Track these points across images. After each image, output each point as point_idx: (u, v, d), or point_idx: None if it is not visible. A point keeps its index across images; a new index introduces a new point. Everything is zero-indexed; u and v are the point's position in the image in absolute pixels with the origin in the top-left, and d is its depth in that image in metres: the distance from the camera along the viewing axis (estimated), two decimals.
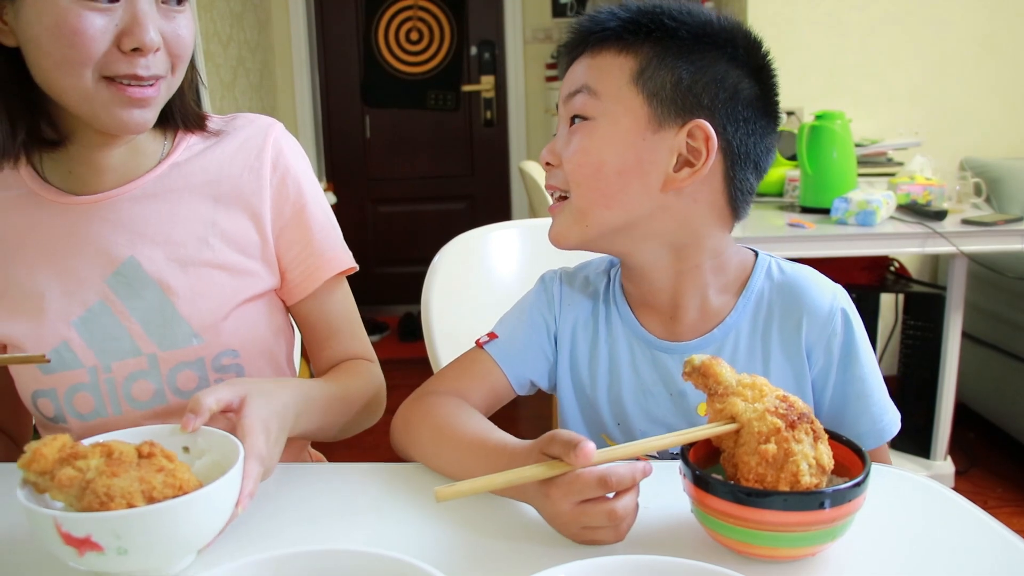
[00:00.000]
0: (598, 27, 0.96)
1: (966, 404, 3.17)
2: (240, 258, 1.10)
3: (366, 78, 5.01)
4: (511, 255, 1.56)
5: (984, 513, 0.83)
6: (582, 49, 0.98)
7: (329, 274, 1.16)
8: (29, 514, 0.70)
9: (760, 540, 0.73)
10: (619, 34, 0.95)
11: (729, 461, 0.78)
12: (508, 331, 1.09)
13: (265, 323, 1.14)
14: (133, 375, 1.05)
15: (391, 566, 0.63)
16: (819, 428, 0.77)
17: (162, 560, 0.73)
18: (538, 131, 4.90)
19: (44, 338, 1.04)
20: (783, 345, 0.98)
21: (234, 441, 0.81)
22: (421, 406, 1.02)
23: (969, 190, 2.80)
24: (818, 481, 0.74)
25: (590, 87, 0.95)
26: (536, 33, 4.83)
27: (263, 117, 1.18)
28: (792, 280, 1.00)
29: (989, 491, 2.80)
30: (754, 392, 0.79)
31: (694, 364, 0.82)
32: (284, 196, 1.13)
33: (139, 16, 0.92)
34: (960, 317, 2.64)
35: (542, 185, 3.07)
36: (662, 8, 0.95)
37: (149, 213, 1.07)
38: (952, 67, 3.33)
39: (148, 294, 1.06)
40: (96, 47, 0.92)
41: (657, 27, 0.93)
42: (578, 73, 0.97)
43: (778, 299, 0.99)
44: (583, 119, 0.96)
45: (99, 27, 0.91)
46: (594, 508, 0.75)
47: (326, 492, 0.92)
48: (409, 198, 5.13)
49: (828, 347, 0.97)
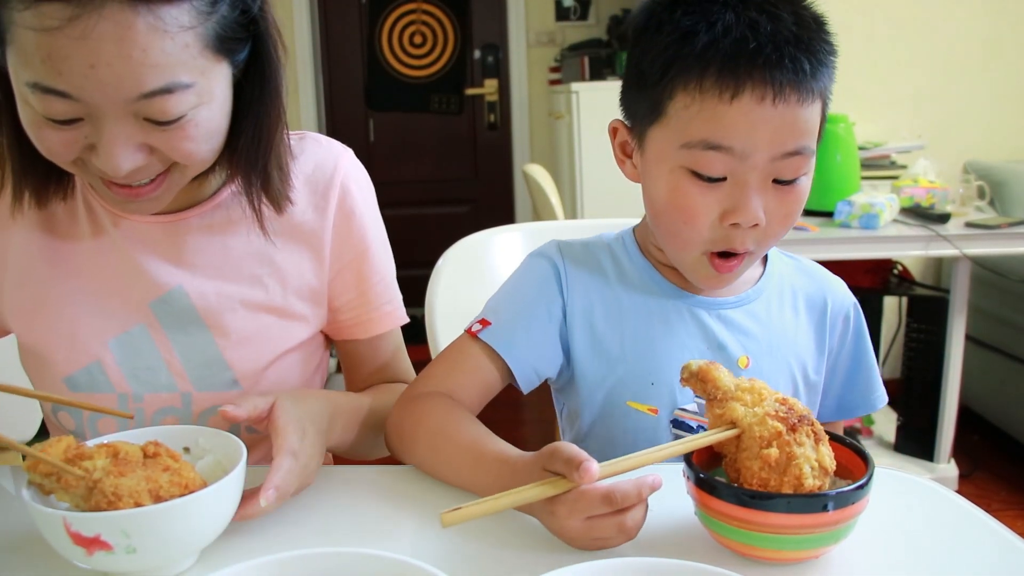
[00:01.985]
0: (806, 75, 0.87)
1: (970, 407, 3.17)
2: (292, 300, 1.05)
3: (369, 82, 5.02)
4: (514, 258, 1.56)
5: (988, 516, 0.83)
6: (786, 95, 0.87)
7: (381, 330, 1.14)
8: (36, 515, 0.70)
9: (764, 543, 0.73)
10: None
11: (732, 466, 0.78)
12: (506, 317, 1.03)
13: (303, 369, 1.10)
14: (164, 410, 1.01)
15: (395, 568, 0.63)
16: (819, 429, 0.78)
17: (169, 559, 0.74)
18: (541, 134, 4.90)
19: (76, 354, 0.99)
20: (809, 315, 1.08)
21: (236, 441, 0.81)
22: (413, 411, 0.98)
23: (972, 193, 2.80)
24: (821, 483, 0.74)
25: (810, 147, 0.91)
26: (539, 36, 4.83)
27: (333, 144, 1.11)
28: (809, 266, 1.13)
29: (993, 494, 2.80)
30: (753, 396, 0.79)
31: (692, 369, 0.82)
32: (346, 239, 1.08)
33: (105, 141, 0.79)
34: (964, 320, 2.63)
35: (545, 189, 3.07)
36: (819, 20, 0.91)
37: (204, 243, 1.01)
38: (956, 70, 3.33)
39: (193, 330, 1.00)
40: (61, 157, 0.83)
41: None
42: (792, 131, 0.88)
43: (801, 279, 1.10)
44: (793, 180, 0.92)
45: (61, 143, 0.81)
46: (602, 522, 0.74)
47: (330, 494, 0.92)
48: (412, 201, 5.13)
49: (845, 326, 1.10)
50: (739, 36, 0.86)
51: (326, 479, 0.95)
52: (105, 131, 0.79)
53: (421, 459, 0.95)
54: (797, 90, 0.86)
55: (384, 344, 1.17)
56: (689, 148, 0.89)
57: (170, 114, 0.80)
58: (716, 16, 0.87)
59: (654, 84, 0.92)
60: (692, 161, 0.90)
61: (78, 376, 0.99)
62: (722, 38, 0.87)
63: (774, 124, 0.87)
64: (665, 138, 0.92)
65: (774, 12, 0.87)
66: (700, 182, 0.90)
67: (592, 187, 3.52)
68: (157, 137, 0.82)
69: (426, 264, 1.59)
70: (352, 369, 1.18)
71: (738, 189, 0.90)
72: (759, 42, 0.86)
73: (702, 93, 0.88)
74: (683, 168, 0.91)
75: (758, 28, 0.86)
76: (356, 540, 0.83)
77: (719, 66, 0.86)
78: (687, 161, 0.90)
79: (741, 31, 0.86)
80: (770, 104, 0.86)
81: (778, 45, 0.86)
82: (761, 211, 0.91)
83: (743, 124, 0.87)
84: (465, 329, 1.04)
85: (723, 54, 0.86)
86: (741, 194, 0.89)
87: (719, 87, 0.86)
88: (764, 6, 0.88)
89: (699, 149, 0.89)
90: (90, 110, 0.78)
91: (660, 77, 0.91)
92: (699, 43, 0.87)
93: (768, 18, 0.87)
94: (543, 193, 3.08)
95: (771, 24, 0.86)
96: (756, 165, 0.88)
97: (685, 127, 0.90)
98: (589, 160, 3.51)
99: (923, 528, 0.82)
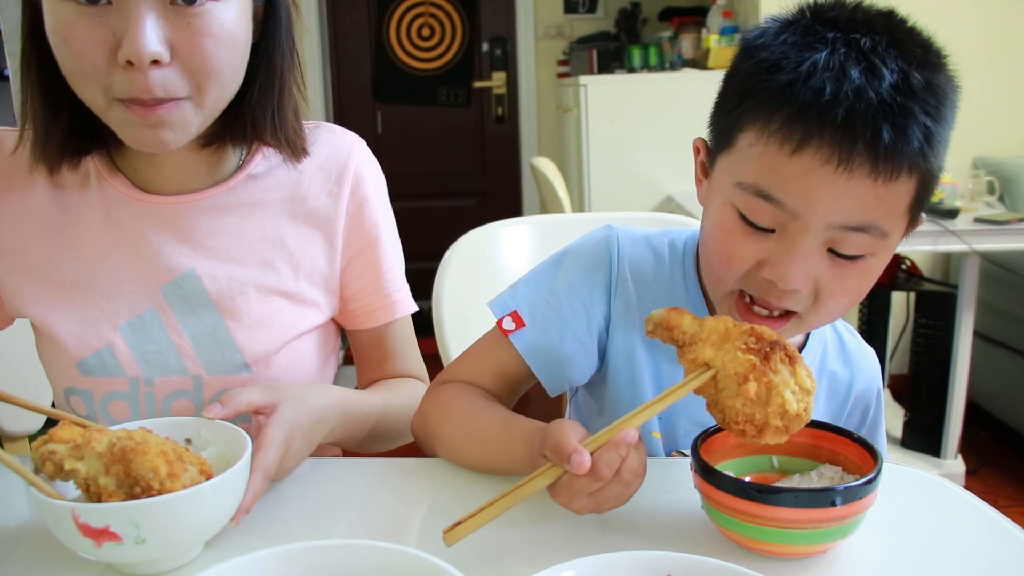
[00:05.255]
0: (897, 150, 0.75)
1: (977, 403, 3.16)
2: (304, 285, 1.06)
3: (377, 74, 5.01)
4: (522, 251, 1.56)
5: (995, 511, 0.83)
6: (855, 164, 0.75)
7: (390, 318, 1.15)
8: (43, 506, 0.70)
9: (770, 537, 0.73)
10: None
11: (715, 408, 0.77)
12: (542, 321, 0.97)
13: (314, 356, 1.10)
14: (175, 394, 1.01)
15: (400, 560, 0.63)
16: (792, 352, 0.75)
17: (177, 549, 0.74)
18: (549, 127, 4.89)
19: (87, 338, 0.99)
20: (829, 400, 1.02)
21: (241, 433, 0.82)
22: (440, 401, 0.99)
23: (982, 188, 2.79)
24: (805, 405, 0.74)
25: (881, 228, 0.79)
26: (548, 29, 4.82)
27: (347, 133, 1.12)
28: (848, 344, 1.04)
29: (1000, 490, 2.79)
30: (719, 334, 0.77)
31: (655, 320, 0.80)
32: (359, 226, 1.09)
33: (132, 20, 0.81)
34: (972, 316, 2.63)
35: (553, 182, 3.07)
36: (935, 88, 0.77)
37: (217, 226, 1.02)
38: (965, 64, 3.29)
39: (204, 313, 1.01)
40: (90, 61, 0.83)
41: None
42: (859, 204, 0.77)
43: (835, 360, 1.03)
44: (857, 256, 0.81)
45: (91, 37, 0.82)
46: (605, 491, 0.74)
47: (336, 486, 0.92)
48: (420, 194, 5.13)
49: (863, 417, 1.05)
50: (818, 84, 0.75)
51: (333, 471, 0.95)
52: (133, 9, 0.81)
53: (447, 446, 0.95)
54: (873, 162, 0.75)
55: (394, 334, 1.17)
56: (742, 189, 0.81)
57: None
58: (809, 53, 0.77)
59: (730, 111, 0.84)
60: (743, 203, 0.81)
61: (90, 360, 1.00)
62: (802, 81, 0.76)
63: (836, 191, 0.76)
64: (728, 169, 0.84)
65: (875, 64, 0.75)
66: (746, 227, 0.82)
67: (600, 180, 3.51)
68: (179, 32, 0.84)
69: (433, 257, 1.59)
70: (363, 360, 1.19)
71: (784, 247, 0.80)
72: (837, 97, 0.74)
73: (767, 136, 0.78)
74: (733, 206, 0.83)
75: (844, 79, 0.74)
76: (362, 532, 0.83)
77: (788, 113, 0.77)
78: (738, 201, 0.82)
79: (823, 78, 0.75)
80: (834, 170, 0.75)
81: (858, 106, 0.74)
82: (806, 278, 0.80)
83: (800, 182, 0.77)
84: (496, 320, 0.98)
85: (795, 100, 0.76)
86: (786, 253, 0.80)
87: (783, 135, 0.77)
88: (870, 54, 0.75)
89: (751, 193, 0.80)
90: None
91: (735, 105, 0.83)
92: (778, 80, 0.78)
93: (864, 70, 0.75)
94: (551, 186, 3.08)
95: (863, 78, 0.74)
96: (808, 228, 0.78)
97: (745, 165, 0.81)
98: (597, 153, 3.50)
99: (930, 523, 0.82)
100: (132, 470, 0.70)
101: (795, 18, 0.82)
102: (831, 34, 0.77)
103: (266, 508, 0.86)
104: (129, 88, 0.84)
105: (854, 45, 0.76)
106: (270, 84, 0.97)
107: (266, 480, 0.82)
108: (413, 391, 1.15)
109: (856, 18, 0.79)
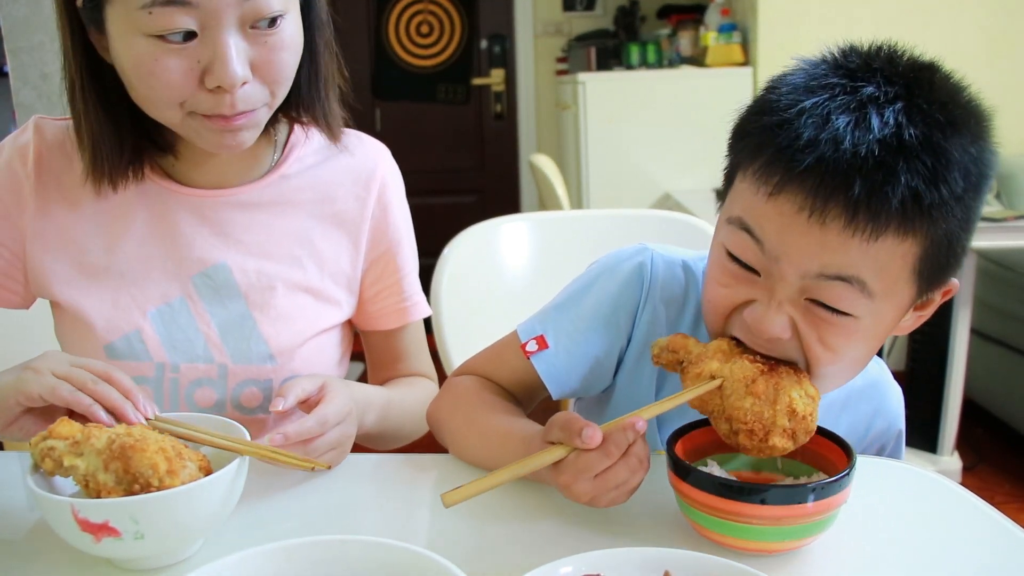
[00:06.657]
0: (871, 207, 0.70)
1: (974, 400, 3.16)
2: (328, 284, 1.10)
3: (376, 71, 5.01)
4: (521, 248, 1.57)
5: (991, 508, 0.83)
6: (830, 216, 0.71)
7: (406, 322, 1.18)
8: (42, 502, 0.70)
9: (743, 533, 0.73)
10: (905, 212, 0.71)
11: (721, 417, 0.78)
12: (565, 345, 0.96)
13: (334, 352, 1.13)
14: (199, 380, 1.04)
15: (399, 556, 0.64)
16: (798, 368, 0.78)
17: (176, 545, 0.74)
18: (548, 125, 4.89)
19: (117, 322, 1.02)
20: (851, 425, 0.99)
21: (239, 427, 0.82)
22: (450, 397, 1.02)
23: None
24: (812, 410, 0.75)
25: (865, 284, 0.74)
26: (547, 27, 4.82)
27: (373, 141, 1.18)
28: (875, 381, 1.01)
29: (996, 487, 2.80)
30: (724, 353, 0.79)
31: (661, 344, 0.83)
32: (382, 231, 1.13)
33: (220, 51, 0.86)
34: (969, 313, 2.63)
35: (551, 179, 3.07)
36: (936, 147, 0.71)
37: (249, 222, 1.06)
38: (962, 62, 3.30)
39: (232, 304, 1.04)
40: (177, 90, 0.88)
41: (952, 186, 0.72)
42: (834, 255, 0.73)
43: (859, 398, 0.99)
44: (839, 312, 0.75)
45: (178, 69, 0.87)
46: (611, 473, 0.75)
47: (338, 482, 0.92)
48: (419, 191, 5.07)
49: (880, 448, 1.03)
50: (798, 129, 0.72)
51: (336, 468, 0.95)
52: (219, 41, 0.86)
53: (453, 437, 0.97)
54: (848, 215, 0.70)
55: (407, 337, 1.21)
56: (730, 223, 0.79)
57: (272, 8, 0.87)
58: (805, 97, 0.73)
59: (732, 145, 0.83)
60: (730, 240, 0.79)
61: (118, 344, 1.02)
62: (786, 125, 0.73)
63: (810, 240, 0.73)
64: (724, 208, 0.83)
65: (867, 115, 0.71)
66: (734, 267, 0.79)
67: (598, 177, 3.51)
68: (258, 51, 0.89)
69: (432, 253, 1.59)
70: (376, 361, 1.23)
71: (765, 292, 0.77)
72: (812, 144, 0.71)
73: (752, 175, 0.76)
74: (723, 246, 0.80)
75: (825, 127, 0.71)
76: (363, 528, 0.83)
77: (769, 155, 0.74)
78: (727, 239, 0.79)
79: (805, 124, 0.72)
80: (807, 218, 0.72)
81: (831, 155, 0.70)
82: (783, 325, 0.76)
83: (776, 224, 0.74)
84: (521, 343, 0.97)
85: (776, 143, 0.73)
86: (765, 297, 0.77)
87: (763, 177, 0.75)
88: (867, 104, 0.71)
89: (736, 227, 0.78)
90: (205, 18, 0.85)
91: (736, 140, 0.82)
92: (767, 121, 0.75)
93: (854, 114, 0.71)
94: (549, 183, 3.08)
95: (848, 128, 0.70)
96: (785, 274, 0.75)
97: (735, 201, 0.80)
98: (595, 150, 3.50)
99: (926, 520, 0.83)
100: (131, 467, 0.70)
101: (820, 59, 0.78)
102: (837, 79, 0.74)
103: (265, 503, 0.86)
104: (214, 106, 0.89)
105: (855, 93, 0.72)
106: (314, 72, 1.03)
107: (320, 426, 0.88)
108: (425, 390, 1.19)
109: (876, 66, 0.75)
